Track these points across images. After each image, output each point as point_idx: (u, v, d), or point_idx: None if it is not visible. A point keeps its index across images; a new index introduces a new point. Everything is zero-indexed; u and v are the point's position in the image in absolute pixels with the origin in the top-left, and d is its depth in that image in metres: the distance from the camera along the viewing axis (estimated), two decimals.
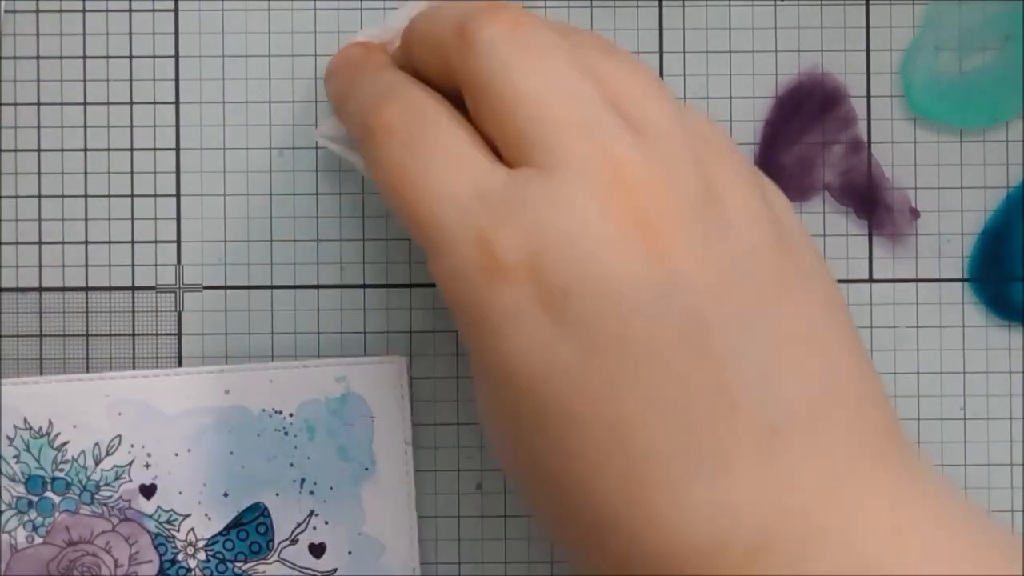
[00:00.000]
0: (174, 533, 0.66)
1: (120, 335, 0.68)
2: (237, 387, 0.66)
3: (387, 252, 0.69)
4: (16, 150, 0.68)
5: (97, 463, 0.66)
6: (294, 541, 0.66)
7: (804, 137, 0.69)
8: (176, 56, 0.69)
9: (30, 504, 0.66)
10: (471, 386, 0.58)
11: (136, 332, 0.68)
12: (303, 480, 0.66)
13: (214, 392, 0.66)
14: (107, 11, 0.69)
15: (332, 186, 0.69)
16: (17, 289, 0.68)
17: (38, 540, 0.65)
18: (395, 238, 0.68)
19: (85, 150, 0.68)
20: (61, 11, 0.68)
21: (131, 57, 0.69)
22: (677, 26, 0.69)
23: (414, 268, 0.69)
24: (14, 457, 0.65)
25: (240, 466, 0.66)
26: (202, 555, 0.66)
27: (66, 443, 0.66)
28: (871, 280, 0.69)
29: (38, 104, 0.68)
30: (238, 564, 0.66)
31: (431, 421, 0.68)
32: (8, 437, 0.65)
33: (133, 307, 0.68)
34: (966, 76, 0.69)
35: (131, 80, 0.69)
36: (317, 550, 0.66)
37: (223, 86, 0.69)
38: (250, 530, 0.66)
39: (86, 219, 0.68)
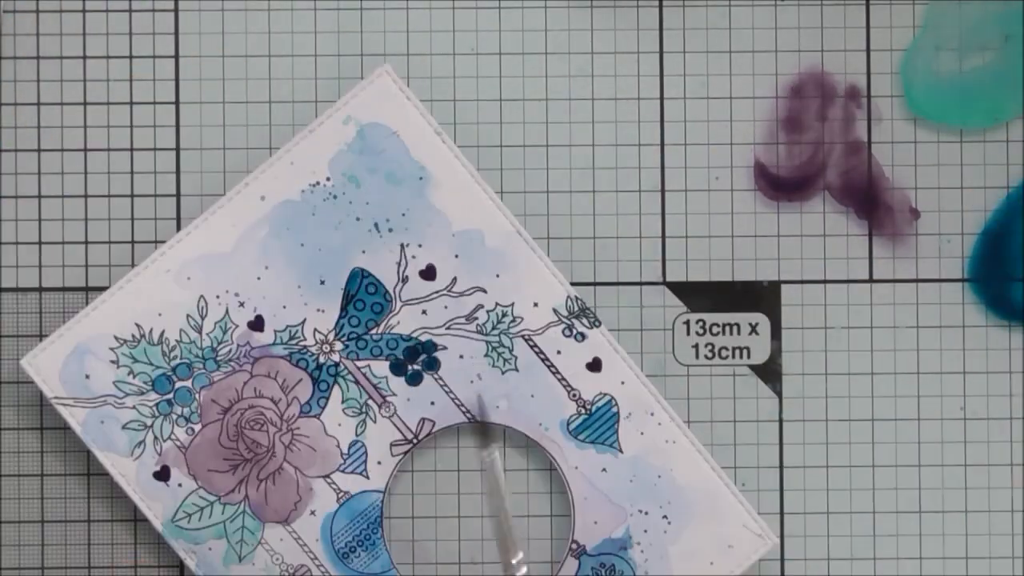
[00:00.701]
0: (303, 343, 0.66)
1: None
2: (268, 187, 0.66)
3: None
4: (16, 150, 0.68)
5: (200, 331, 0.66)
6: (405, 280, 0.67)
7: (804, 137, 0.69)
8: (176, 56, 0.69)
9: (169, 403, 0.66)
10: None
11: None
12: (376, 225, 0.66)
13: (252, 205, 0.66)
14: (107, 11, 0.69)
15: None
16: (17, 289, 0.68)
17: (197, 427, 0.66)
18: None
19: (85, 150, 0.68)
20: (61, 11, 0.68)
21: (131, 57, 0.69)
22: (677, 26, 0.69)
23: None
24: (129, 374, 0.66)
25: (317, 250, 0.66)
26: (339, 345, 0.66)
27: (163, 332, 0.66)
28: (871, 280, 0.69)
29: (38, 104, 0.68)
30: (372, 332, 0.66)
31: None
32: (112, 361, 0.66)
33: None
34: (966, 76, 0.69)
35: (131, 80, 0.69)
36: (429, 273, 0.67)
37: (223, 86, 0.69)
38: (363, 297, 0.66)
39: (86, 219, 0.68)
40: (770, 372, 0.69)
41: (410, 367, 0.66)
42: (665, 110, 0.69)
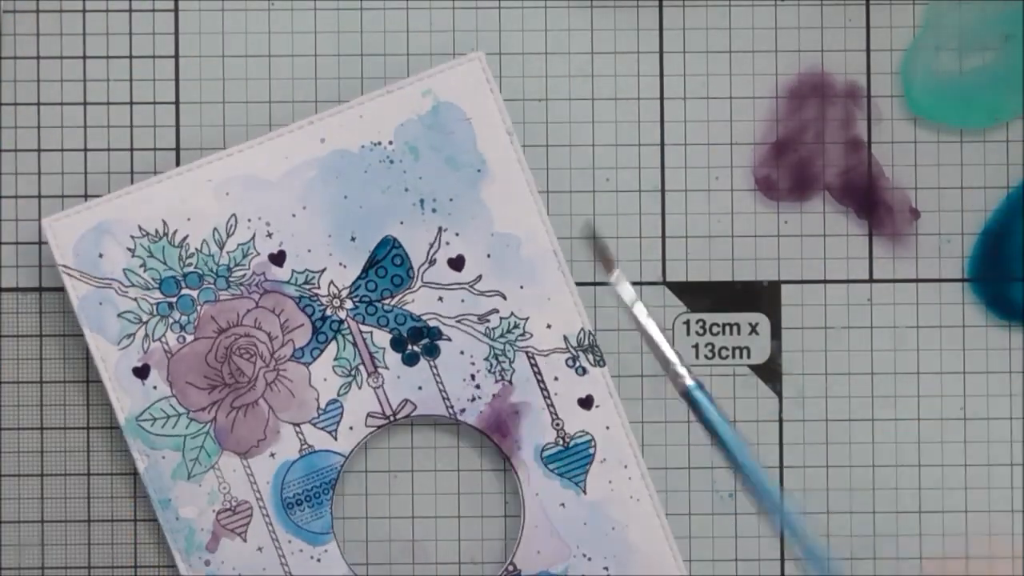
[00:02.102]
0: (315, 291, 0.66)
1: None
2: (331, 132, 0.66)
3: None
4: (16, 150, 0.68)
5: (221, 247, 0.66)
6: (432, 262, 0.66)
7: (804, 137, 0.69)
8: (176, 56, 0.69)
9: (170, 306, 0.66)
10: None
11: None
12: (422, 201, 0.66)
13: (310, 143, 0.66)
14: (107, 11, 0.69)
15: None
16: (17, 289, 0.68)
17: (189, 338, 0.66)
18: None
19: (85, 150, 0.68)
20: (61, 11, 0.68)
21: (131, 57, 0.69)
22: (677, 26, 0.69)
23: None
24: (141, 266, 0.66)
25: (358, 207, 0.66)
26: (348, 303, 0.66)
27: (186, 237, 0.66)
28: (871, 280, 0.69)
29: (38, 104, 0.68)
30: (385, 302, 0.66)
31: None
32: (129, 249, 0.66)
33: None
34: (966, 76, 0.69)
35: (131, 80, 0.69)
36: (457, 263, 0.66)
37: (223, 86, 0.69)
38: (387, 265, 0.66)
39: None
40: (770, 372, 0.69)
41: (410, 346, 0.66)
42: (665, 110, 0.69)
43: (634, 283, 0.69)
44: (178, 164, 0.68)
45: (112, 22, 0.69)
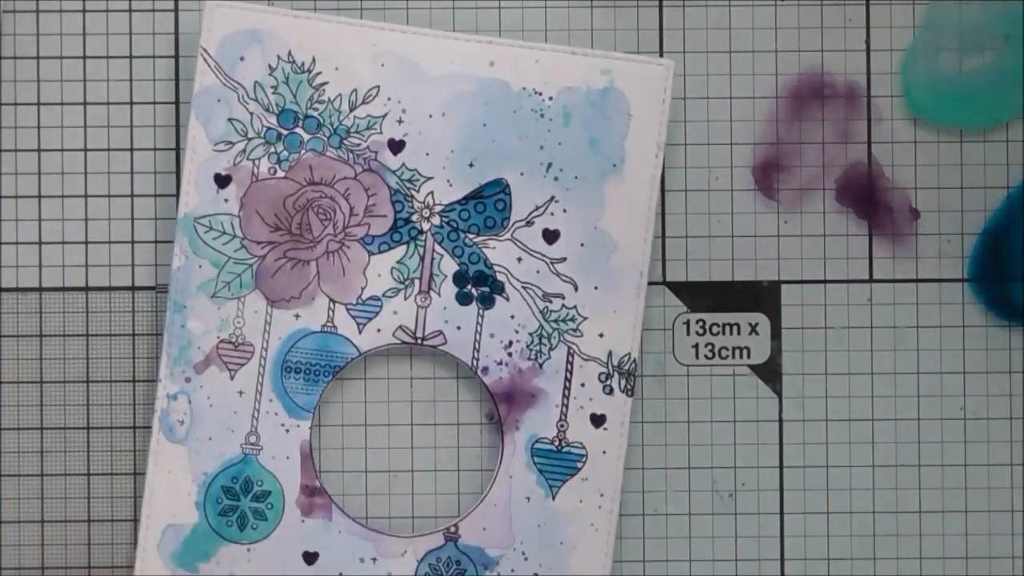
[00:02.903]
0: (413, 193, 0.66)
1: (120, 335, 0.68)
2: (503, 61, 0.66)
3: None
4: (16, 150, 0.68)
5: (352, 109, 0.66)
6: (529, 223, 0.66)
7: (804, 137, 0.69)
8: (176, 56, 0.69)
9: (279, 137, 0.66)
10: None
11: (136, 332, 0.68)
12: (550, 164, 0.66)
13: (480, 61, 0.66)
14: (107, 11, 0.69)
15: None
16: (17, 289, 0.68)
17: (280, 173, 0.66)
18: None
19: (85, 150, 0.68)
20: (61, 11, 0.68)
21: (131, 57, 0.69)
22: (677, 26, 0.69)
23: None
24: (272, 87, 0.66)
25: (491, 139, 0.66)
26: (436, 220, 0.66)
27: (325, 83, 0.66)
28: (871, 280, 0.69)
29: (38, 104, 0.68)
30: (470, 236, 0.66)
31: None
32: (270, 66, 0.66)
33: (133, 307, 0.68)
34: (966, 76, 0.69)
35: (131, 80, 0.69)
36: (551, 236, 0.66)
37: None
38: (488, 204, 0.66)
39: (86, 219, 0.68)
40: (770, 372, 0.69)
41: (470, 287, 0.66)
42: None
43: None
44: (178, 164, 0.68)
45: (112, 22, 0.69)
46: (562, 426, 0.66)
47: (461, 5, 0.69)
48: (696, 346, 0.69)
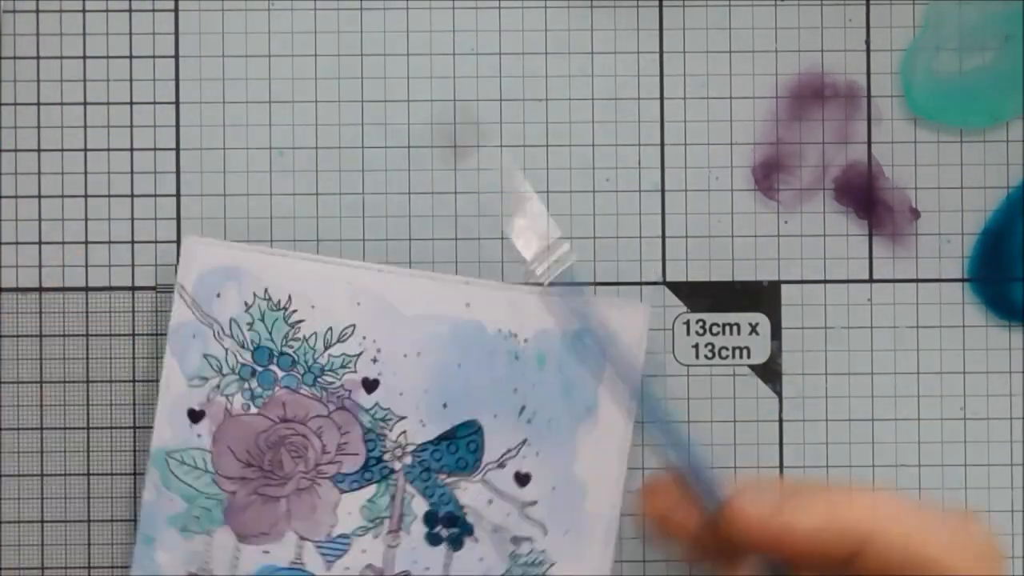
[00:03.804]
0: (386, 432, 0.66)
1: (120, 335, 0.68)
2: (478, 302, 0.66)
3: (387, 254, 0.69)
4: (16, 150, 0.68)
5: (327, 347, 0.66)
6: (501, 465, 0.66)
7: (804, 137, 0.69)
8: (176, 56, 0.69)
9: (253, 373, 0.66)
10: None
11: (136, 332, 0.68)
12: (523, 408, 0.66)
13: (455, 302, 0.66)
14: (107, 11, 0.69)
15: (332, 186, 0.69)
16: (17, 289, 0.68)
17: (253, 410, 0.66)
18: (395, 239, 0.68)
19: (85, 150, 0.68)
20: (61, 11, 0.68)
21: (131, 57, 0.69)
22: (677, 26, 0.69)
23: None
24: (247, 324, 0.66)
25: (465, 380, 0.66)
26: (408, 459, 0.66)
27: (301, 321, 0.66)
28: (871, 280, 0.69)
29: (38, 104, 0.68)
30: (441, 476, 0.66)
31: None
32: (246, 303, 0.66)
33: (133, 307, 0.68)
34: (966, 76, 0.69)
35: (131, 80, 0.69)
36: (522, 479, 0.66)
37: (223, 86, 0.69)
38: (460, 445, 0.66)
39: (86, 219, 0.68)
40: (770, 372, 0.69)
41: (439, 528, 0.66)
42: (665, 110, 0.69)
43: (634, 283, 0.69)
44: (178, 164, 0.68)
45: (112, 22, 0.69)
46: None
47: (461, 5, 0.69)
48: (696, 346, 0.69)
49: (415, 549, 0.66)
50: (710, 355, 0.69)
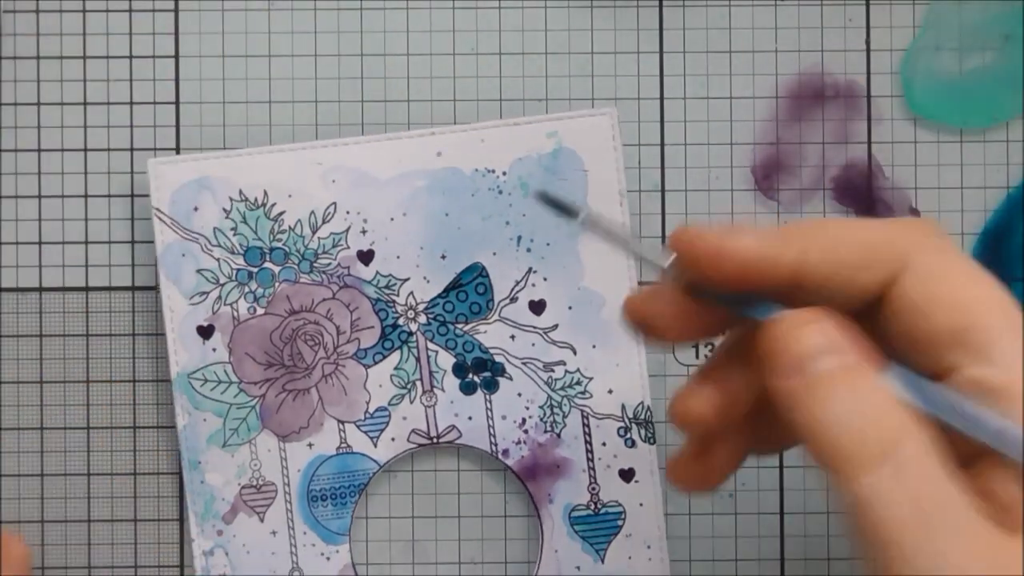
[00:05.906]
0: (394, 297, 0.66)
1: (120, 335, 0.68)
2: (449, 148, 0.66)
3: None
4: (16, 150, 0.68)
5: (314, 231, 0.66)
6: (514, 299, 0.66)
7: (804, 137, 0.69)
8: (176, 56, 0.69)
9: (250, 275, 0.66)
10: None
11: (136, 332, 0.68)
12: (519, 237, 0.66)
13: (426, 154, 0.66)
14: (107, 11, 0.69)
15: None
16: (17, 289, 0.68)
17: (260, 311, 0.66)
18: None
19: (85, 150, 0.69)
20: (61, 11, 0.68)
21: (131, 57, 0.69)
22: (677, 26, 0.69)
23: None
24: (231, 229, 0.66)
25: (456, 227, 0.66)
26: (423, 318, 0.66)
27: (282, 213, 0.66)
28: None
29: (38, 104, 0.68)
30: (459, 325, 0.66)
31: None
32: (224, 209, 0.66)
33: (133, 307, 0.68)
34: (966, 76, 0.69)
35: (131, 80, 0.69)
36: (537, 307, 0.67)
37: (223, 86, 0.69)
38: (469, 290, 0.66)
39: (86, 219, 0.68)
40: None
41: (471, 375, 0.66)
42: (665, 110, 0.69)
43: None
44: None
45: (112, 22, 0.69)
46: (594, 489, 0.66)
47: (461, 5, 0.69)
48: (696, 346, 0.69)
49: (453, 403, 0.66)
50: (710, 355, 0.69)
